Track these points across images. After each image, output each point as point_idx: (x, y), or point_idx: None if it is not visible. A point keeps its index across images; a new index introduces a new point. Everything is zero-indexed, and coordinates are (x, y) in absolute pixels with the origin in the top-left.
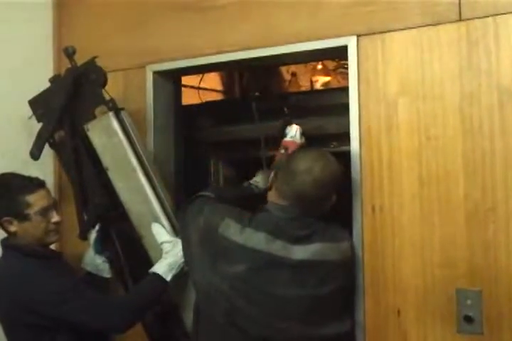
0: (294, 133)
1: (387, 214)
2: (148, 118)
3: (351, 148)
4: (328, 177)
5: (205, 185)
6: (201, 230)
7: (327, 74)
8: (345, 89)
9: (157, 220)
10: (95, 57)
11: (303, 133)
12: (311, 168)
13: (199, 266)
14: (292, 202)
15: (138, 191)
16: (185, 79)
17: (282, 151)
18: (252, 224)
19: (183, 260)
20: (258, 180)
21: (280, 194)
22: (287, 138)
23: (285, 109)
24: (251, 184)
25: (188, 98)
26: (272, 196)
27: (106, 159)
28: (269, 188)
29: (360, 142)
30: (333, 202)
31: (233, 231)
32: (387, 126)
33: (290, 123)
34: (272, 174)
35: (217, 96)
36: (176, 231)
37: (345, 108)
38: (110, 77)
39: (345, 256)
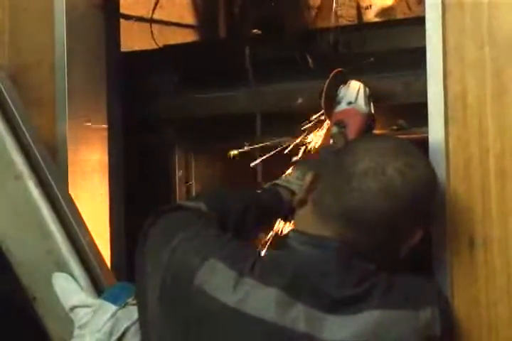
0: (355, 95)
1: (498, 251)
2: (58, 77)
3: (430, 132)
4: (410, 187)
5: (166, 196)
6: (164, 276)
7: None
8: (419, 22)
9: (63, 267)
10: None
11: (371, 96)
12: (379, 167)
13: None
14: (339, 231)
15: (26, 214)
16: (128, 6)
17: (334, 130)
18: (256, 270)
19: (115, 337)
20: (292, 179)
21: (319, 214)
22: (343, 106)
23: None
24: (278, 185)
25: (135, 39)
26: (302, 219)
27: None
28: (300, 204)
29: (447, 121)
30: (417, 240)
31: (221, 282)
32: (496, 90)
33: (345, 81)
34: (308, 177)
35: (187, 37)
36: (101, 287)
37: (419, 57)
38: None
39: (426, 335)
